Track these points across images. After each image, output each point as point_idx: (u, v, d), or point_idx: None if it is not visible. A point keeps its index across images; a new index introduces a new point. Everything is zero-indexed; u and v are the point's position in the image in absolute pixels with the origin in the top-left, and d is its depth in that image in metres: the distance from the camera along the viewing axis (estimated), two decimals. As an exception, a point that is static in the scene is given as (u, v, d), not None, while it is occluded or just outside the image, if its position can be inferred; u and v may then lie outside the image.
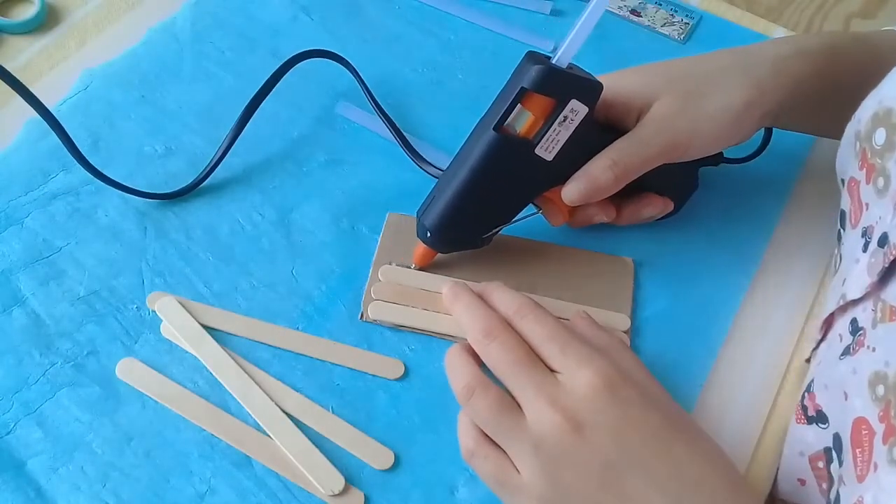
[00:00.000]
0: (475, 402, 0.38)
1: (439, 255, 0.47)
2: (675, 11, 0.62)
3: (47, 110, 0.45)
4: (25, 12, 0.56)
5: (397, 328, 0.45)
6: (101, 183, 0.49)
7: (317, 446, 0.41)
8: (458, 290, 0.43)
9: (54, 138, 0.50)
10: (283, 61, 0.51)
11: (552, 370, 0.38)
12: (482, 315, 0.40)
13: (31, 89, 0.53)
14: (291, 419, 0.42)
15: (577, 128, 0.42)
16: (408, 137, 0.52)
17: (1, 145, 0.50)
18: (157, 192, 0.48)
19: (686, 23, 0.61)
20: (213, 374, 0.43)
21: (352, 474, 0.41)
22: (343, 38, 0.58)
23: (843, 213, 0.44)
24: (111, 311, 0.45)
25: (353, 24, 0.59)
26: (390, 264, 0.47)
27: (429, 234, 0.45)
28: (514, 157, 0.43)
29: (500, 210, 0.45)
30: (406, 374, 0.44)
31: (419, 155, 0.51)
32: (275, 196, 0.50)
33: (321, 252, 0.48)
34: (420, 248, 0.46)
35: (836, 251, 0.46)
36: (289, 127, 0.53)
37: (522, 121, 0.42)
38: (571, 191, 0.44)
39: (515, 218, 0.45)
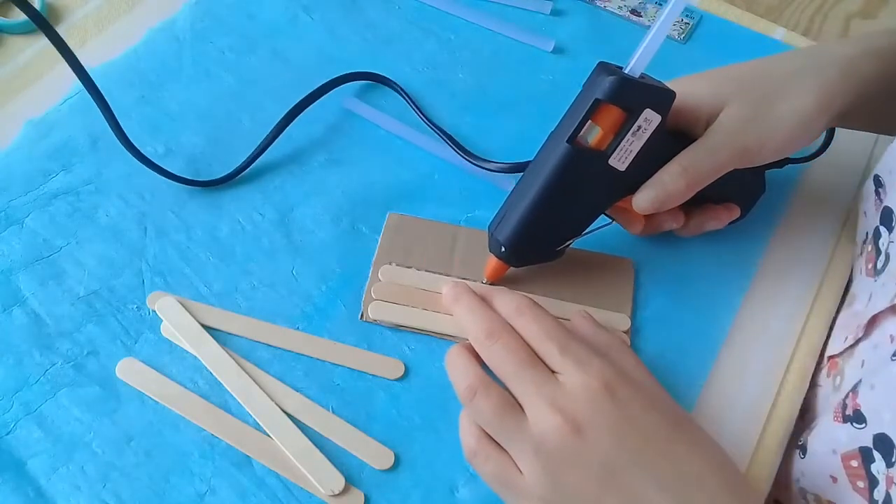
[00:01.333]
0: (477, 403, 0.38)
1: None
2: (676, 11, 0.62)
3: (89, 78, 0.45)
4: (25, 12, 0.56)
5: (397, 328, 0.45)
6: (101, 183, 0.49)
7: (317, 446, 0.41)
8: (459, 290, 0.43)
9: (54, 138, 0.51)
10: (330, 79, 0.53)
11: (553, 370, 0.38)
12: (484, 316, 0.40)
13: (31, 89, 0.53)
14: (291, 419, 0.42)
15: (649, 137, 0.42)
16: (412, 132, 0.52)
17: (1, 145, 0.50)
18: (183, 182, 0.49)
19: (686, 23, 0.61)
20: (213, 374, 0.43)
21: (352, 474, 0.41)
22: (343, 38, 0.58)
23: (889, 211, 0.44)
24: (111, 310, 0.45)
25: (353, 23, 0.59)
26: (390, 264, 0.47)
27: (503, 249, 0.44)
28: (588, 169, 0.42)
29: (573, 222, 0.45)
30: (406, 374, 0.44)
31: (479, 157, 0.51)
32: (275, 196, 0.50)
33: (321, 252, 0.48)
34: (492, 262, 0.46)
35: (870, 247, 0.46)
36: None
37: (595, 132, 0.42)
38: (643, 199, 0.44)
39: (589, 229, 0.45)
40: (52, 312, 0.44)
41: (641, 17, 0.61)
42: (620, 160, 0.42)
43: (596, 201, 0.44)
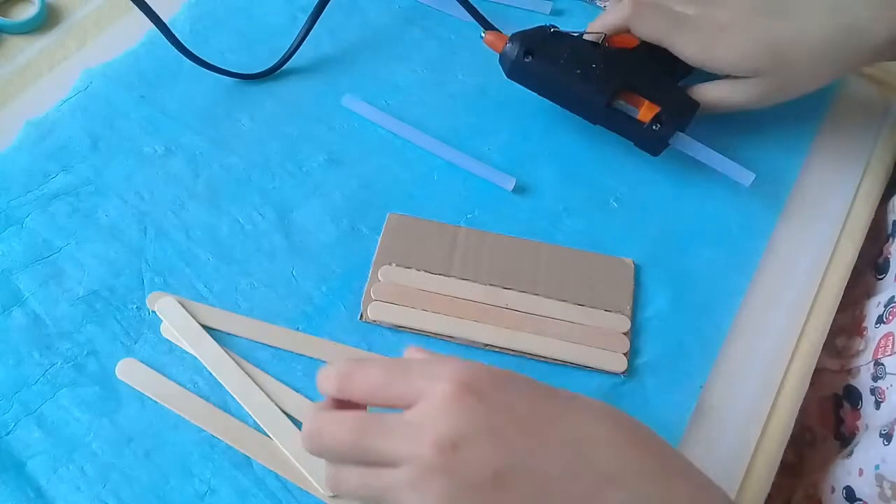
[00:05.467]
0: (340, 485, 0.34)
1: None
2: (675, 11, 0.61)
3: (161, 21, 0.50)
4: (25, 12, 0.56)
5: (397, 328, 0.45)
6: (101, 183, 0.49)
7: (317, 446, 0.41)
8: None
9: (54, 138, 0.51)
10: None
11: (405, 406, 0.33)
12: (306, 423, 0.35)
13: (31, 89, 0.53)
14: (291, 419, 0.42)
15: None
16: (412, 131, 0.52)
17: (1, 145, 0.50)
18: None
19: (686, 23, 0.61)
20: (213, 373, 0.43)
21: (352, 474, 0.41)
22: (342, 39, 0.58)
23: None
24: (111, 311, 0.45)
25: (353, 23, 0.59)
26: (390, 265, 0.47)
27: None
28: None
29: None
30: (406, 375, 0.44)
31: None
32: (275, 196, 0.50)
33: (321, 252, 0.48)
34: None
35: None
36: (289, 127, 0.53)
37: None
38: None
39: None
40: (52, 313, 0.44)
41: (641, 17, 0.61)
42: None
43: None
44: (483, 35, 0.53)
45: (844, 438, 0.48)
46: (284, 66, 0.55)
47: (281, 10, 0.59)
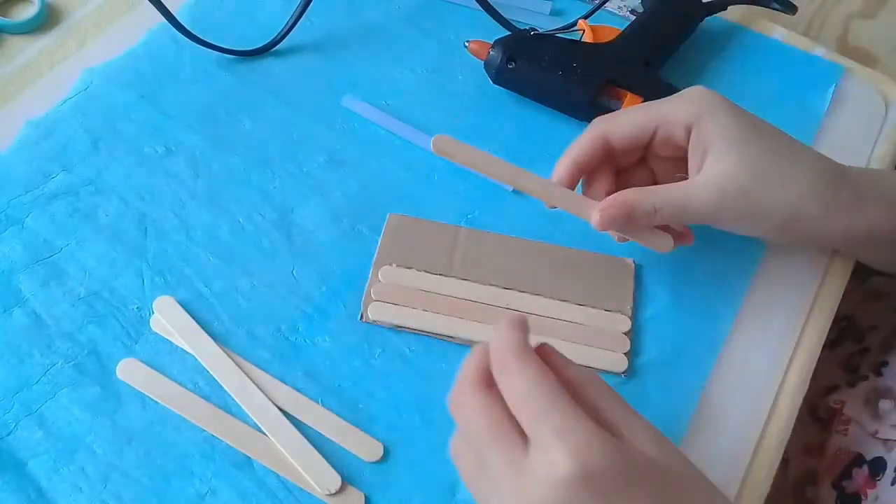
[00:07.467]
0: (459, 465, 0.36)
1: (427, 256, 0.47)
2: (675, 11, 0.61)
3: (168, 11, 0.50)
4: (25, 12, 0.56)
5: (397, 329, 0.45)
6: (102, 183, 0.49)
7: (316, 446, 0.41)
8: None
9: (54, 138, 0.51)
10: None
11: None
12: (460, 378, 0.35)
13: (31, 89, 0.53)
14: (290, 419, 0.42)
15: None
16: (412, 131, 0.53)
17: (1, 145, 0.50)
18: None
19: (686, 23, 0.61)
20: (211, 373, 0.43)
21: (352, 475, 0.41)
22: (342, 39, 0.58)
23: None
24: (112, 311, 0.45)
25: (353, 24, 0.59)
26: (390, 265, 0.47)
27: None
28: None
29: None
30: (407, 375, 0.44)
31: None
32: (275, 196, 0.50)
33: (321, 252, 0.48)
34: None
35: None
36: (289, 127, 0.53)
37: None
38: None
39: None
40: (53, 313, 0.44)
41: (641, 16, 0.61)
42: None
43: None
44: (467, 44, 0.54)
45: (843, 493, 0.47)
46: (284, 66, 0.55)
47: (281, 10, 0.59)
